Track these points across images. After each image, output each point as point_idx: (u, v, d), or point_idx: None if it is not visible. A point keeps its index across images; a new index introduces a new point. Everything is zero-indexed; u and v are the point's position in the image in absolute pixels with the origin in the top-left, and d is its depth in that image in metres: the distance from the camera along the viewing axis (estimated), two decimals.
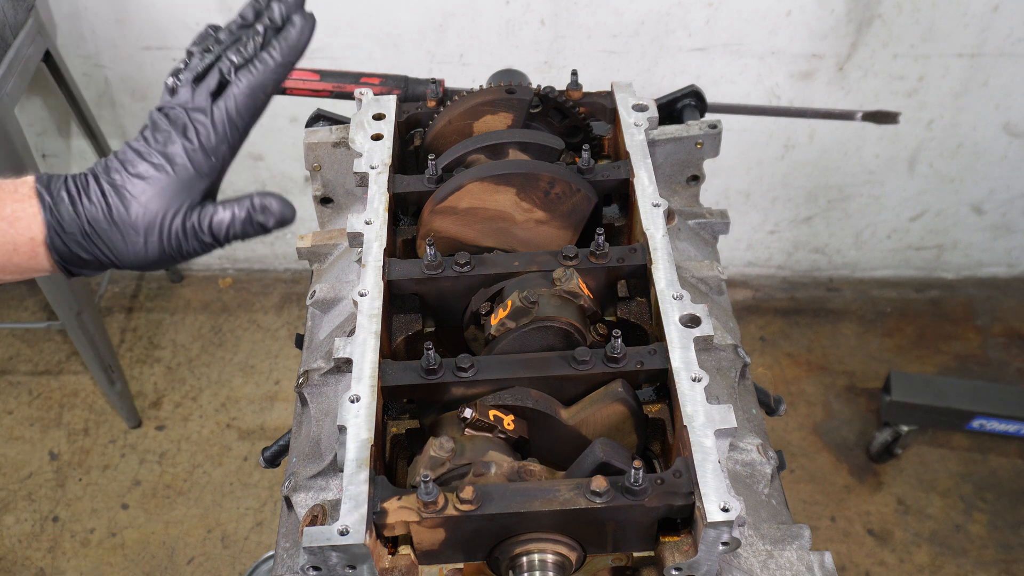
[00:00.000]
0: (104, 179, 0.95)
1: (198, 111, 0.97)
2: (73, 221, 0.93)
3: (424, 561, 1.07)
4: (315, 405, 1.32)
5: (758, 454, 1.25)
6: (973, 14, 2.74)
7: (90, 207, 0.94)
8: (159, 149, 0.96)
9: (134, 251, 0.96)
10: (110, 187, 0.95)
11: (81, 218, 0.94)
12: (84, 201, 0.94)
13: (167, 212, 0.96)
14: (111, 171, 0.96)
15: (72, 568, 2.81)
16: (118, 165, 0.96)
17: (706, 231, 1.59)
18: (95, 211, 0.94)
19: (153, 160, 0.96)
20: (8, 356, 3.39)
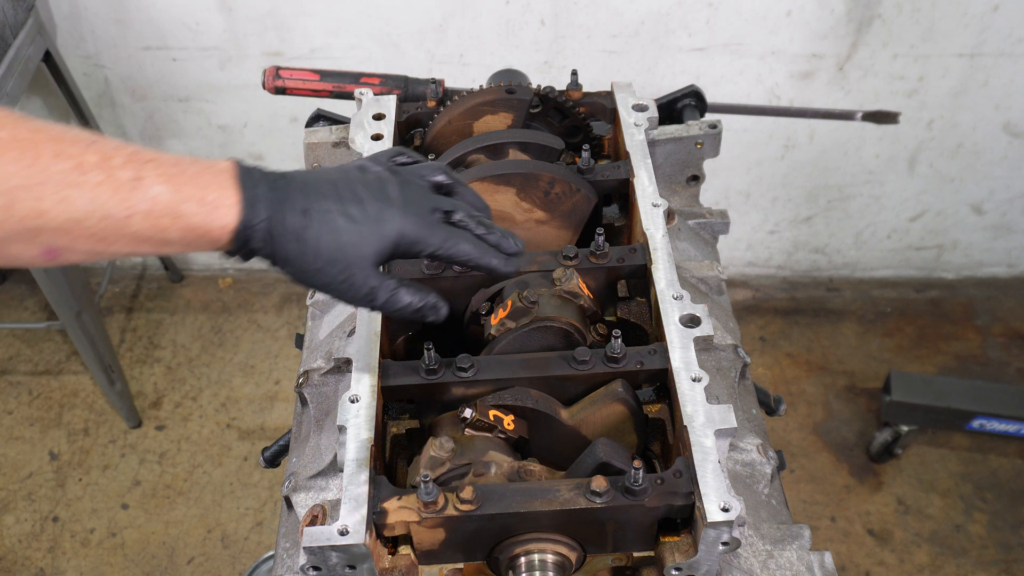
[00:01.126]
0: (313, 204, 0.95)
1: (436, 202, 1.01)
2: (263, 224, 0.93)
3: (424, 561, 1.07)
4: (315, 405, 1.32)
5: (758, 454, 1.25)
6: (973, 14, 2.74)
7: (286, 220, 0.94)
8: (377, 202, 0.97)
9: (302, 270, 0.97)
10: (313, 213, 0.95)
11: (272, 224, 0.94)
12: (286, 209, 0.94)
13: (355, 260, 0.97)
14: (315, 192, 0.96)
15: (72, 568, 2.81)
16: (333, 194, 0.97)
17: (706, 231, 1.59)
18: (290, 226, 0.94)
19: (369, 208, 0.97)
20: (8, 356, 3.39)
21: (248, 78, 2.96)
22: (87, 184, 0.84)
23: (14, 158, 0.81)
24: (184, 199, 0.89)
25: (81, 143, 0.85)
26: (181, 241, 0.91)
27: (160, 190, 0.87)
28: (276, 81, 1.74)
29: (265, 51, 2.90)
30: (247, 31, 2.85)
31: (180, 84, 3.03)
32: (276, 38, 2.86)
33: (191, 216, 0.90)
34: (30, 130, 0.83)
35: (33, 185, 0.82)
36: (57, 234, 0.85)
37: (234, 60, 2.94)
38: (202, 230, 0.91)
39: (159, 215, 0.88)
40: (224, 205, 0.91)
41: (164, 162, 0.89)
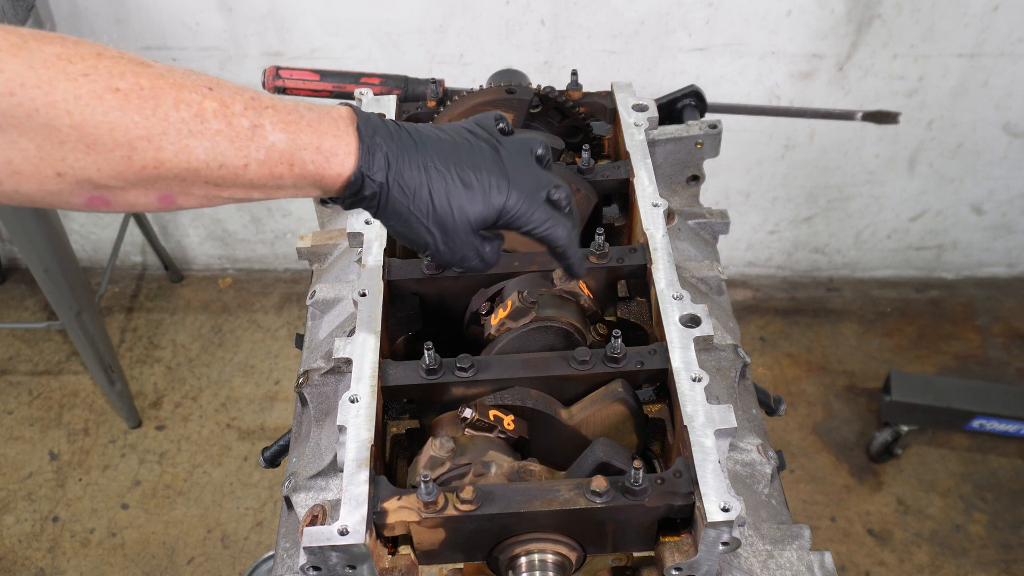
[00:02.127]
0: (430, 162, 0.95)
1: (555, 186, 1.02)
2: (379, 175, 0.93)
3: (424, 561, 1.07)
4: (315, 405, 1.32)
5: (758, 454, 1.25)
6: (973, 14, 2.74)
7: (404, 174, 0.94)
8: (490, 172, 0.98)
9: (407, 224, 0.97)
10: (430, 171, 0.95)
11: (389, 176, 0.94)
12: (403, 163, 0.94)
13: (460, 224, 0.97)
14: (434, 151, 0.96)
15: (72, 568, 2.81)
16: (451, 154, 0.96)
17: (706, 231, 1.59)
18: (407, 181, 0.94)
19: (482, 177, 0.97)
20: (8, 356, 3.39)
21: (248, 78, 2.96)
22: (206, 133, 0.84)
23: (135, 108, 0.81)
24: (301, 147, 0.89)
25: (201, 89, 0.85)
26: (294, 187, 0.92)
27: (277, 138, 0.88)
28: (276, 81, 1.74)
29: (265, 51, 2.90)
30: (247, 31, 2.85)
31: None
32: (276, 38, 2.86)
33: (307, 164, 0.90)
34: (152, 76, 0.82)
35: (154, 135, 0.82)
36: (174, 182, 0.86)
37: (234, 60, 2.93)
38: (316, 177, 0.92)
39: (275, 163, 0.88)
40: (341, 153, 0.92)
41: (282, 109, 0.89)
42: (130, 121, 0.80)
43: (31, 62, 0.76)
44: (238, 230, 3.51)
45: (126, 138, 0.81)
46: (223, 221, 3.47)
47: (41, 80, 0.76)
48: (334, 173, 0.92)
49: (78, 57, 0.79)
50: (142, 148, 0.82)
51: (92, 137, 0.80)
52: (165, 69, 0.84)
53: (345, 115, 0.94)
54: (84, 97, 0.78)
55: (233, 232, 3.52)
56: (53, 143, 0.79)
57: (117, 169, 0.82)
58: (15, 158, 0.79)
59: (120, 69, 0.80)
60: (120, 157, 0.81)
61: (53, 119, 0.78)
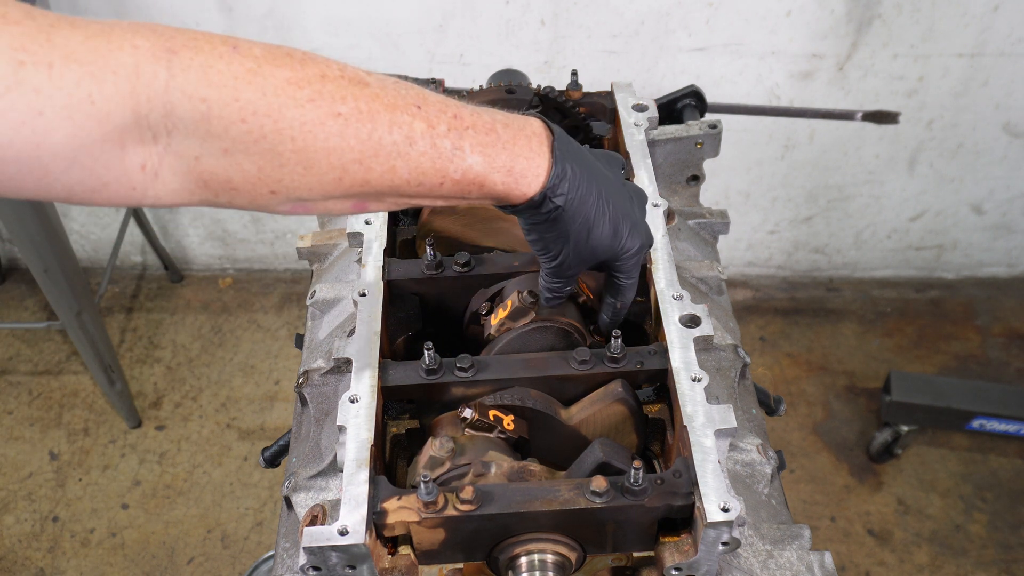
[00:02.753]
0: (600, 199, 1.00)
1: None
2: (559, 200, 0.97)
3: (424, 561, 1.07)
4: (315, 405, 1.32)
5: (758, 454, 1.25)
6: (973, 14, 2.74)
7: (582, 207, 0.98)
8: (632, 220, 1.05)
9: (560, 248, 1.03)
10: (598, 208, 1.00)
11: (568, 204, 0.97)
12: (585, 199, 0.98)
13: (599, 257, 1.05)
14: (605, 195, 1.01)
15: (72, 568, 2.81)
16: (612, 197, 1.02)
17: (706, 231, 1.59)
18: (583, 213, 0.99)
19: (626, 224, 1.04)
20: (8, 356, 3.39)
21: None
22: (412, 155, 0.87)
23: (353, 133, 0.83)
24: (495, 169, 0.92)
25: (411, 109, 0.87)
26: (478, 200, 0.96)
27: (475, 160, 0.91)
28: None
29: None
30: (247, 31, 2.85)
31: None
32: (276, 38, 2.86)
33: (496, 185, 0.93)
34: (369, 98, 0.84)
35: (366, 159, 0.85)
36: (372, 196, 0.90)
37: None
38: (502, 194, 0.95)
39: (468, 183, 0.92)
40: (530, 175, 0.95)
41: (480, 129, 0.92)
42: (347, 146, 0.83)
43: (264, 89, 0.79)
44: (238, 230, 3.51)
45: (340, 162, 0.84)
46: (223, 221, 3.47)
47: (272, 108, 0.79)
48: (519, 193, 0.95)
49: (305, 82, 0.81)
50: (353, 170, 0.85)
51: (311, 161, 0.83)
52: (380, 87, 0.86)
53: (540, 132, 0.97)
54: (309, 124, 0.81)
55: (233, 232, 3.52)
56: (274, 165, 0.82)
57: (327, 189, 0.86)
58: (235, 177, 0.82)
59: (342, 93, 0.83)
60: (333, 179, 0.85)
61: (278, 144, 0.81)
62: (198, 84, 0.76)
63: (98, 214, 3.48)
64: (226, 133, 0.78)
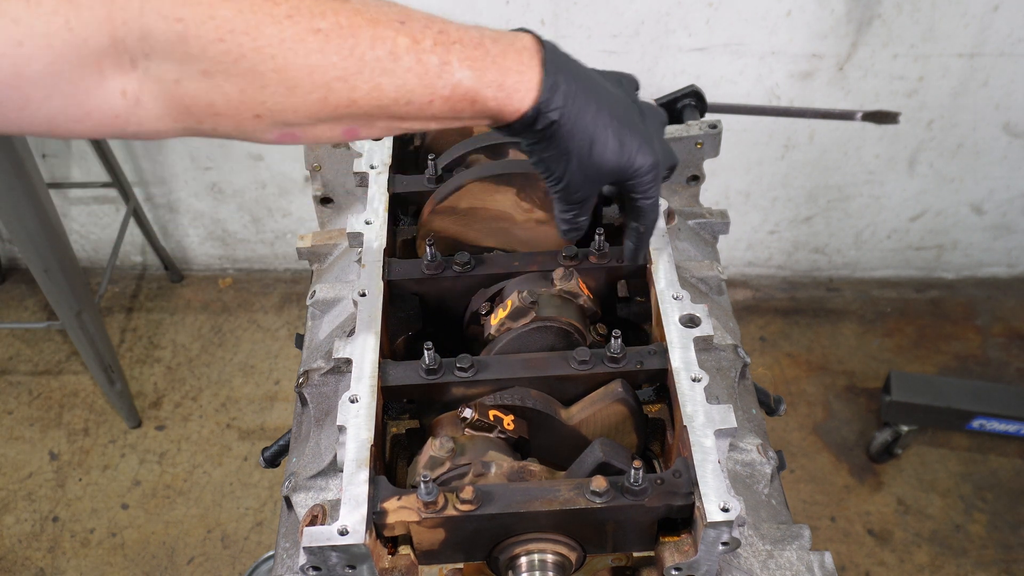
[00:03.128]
0: (600, 113, 0.97)
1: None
2: (554, 114, 0.94)
3: (424, 561, 1.07)
4: (315, 405, 1.32)
5: (758, 454, 1.25)
6: (973, 14, 2.74)
7: (578, 120, 0.95)
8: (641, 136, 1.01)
9: (558, 163, 0.99)
10: (599, 121, 0.97)
11: (563, 117, 0.95)
12: (580, 112, 0.95)
13: (603, 176, 1.01)
14: (608, 109, 0.98)
15: (72, 568, 2.81)
16: (616, 110, 0.99)
17: (706, 231, 1.59)
18: (581, 127, 0.96)
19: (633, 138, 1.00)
20: (8, 356, 3.39)
21: None
22: (398, 71, 0.85)
23: (334, 49, 0.82)
24: (485, 84, 0.90)
25: (394, 24, 0.85)
26: (471, 119, 0.94)
27: (464, 75, 0.89)
28: None
29: None
30: None
31: None
32: None
33: (488, 100, 0.91)
34: (350, 13, 0.83)
35: (350, 76, 0.83)
36: (361, 118, 0.88)
37: None
38: (495, 111, 0.93)
39: (459, 99, 0.90)
40: (523, 89, 0.93)
41: (468, 43, 0.91)
42: (328, 63, 0.82)
43: (240, 7, 0.77)
44: (238, 230, 3.51)
45: (323, 80, 0.82)
46: (223, 221, 3.47)
47: (249, 25, 0.77)
48: (512, 108, 0.93)
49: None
50: (338, 89, 0.83)
51: (293, 80, 0.81)
52: (360, 2, 0.84)
53: (530, 46, 0.95)
54: (288, 40, 0.79)
55: (233, 232, 3.52)
56: (255, 87, 0.80)
57: (312, 110, 0.84)
58: (217, 101, 0.80)
59: (321, 8, 0.81)
60: (317, 99, 0.83)
61: (258, 64, 0.79)
62: (173, 4, 0.75)
63: (98, 214, 3.48)
64: (204, 53, 0.77)
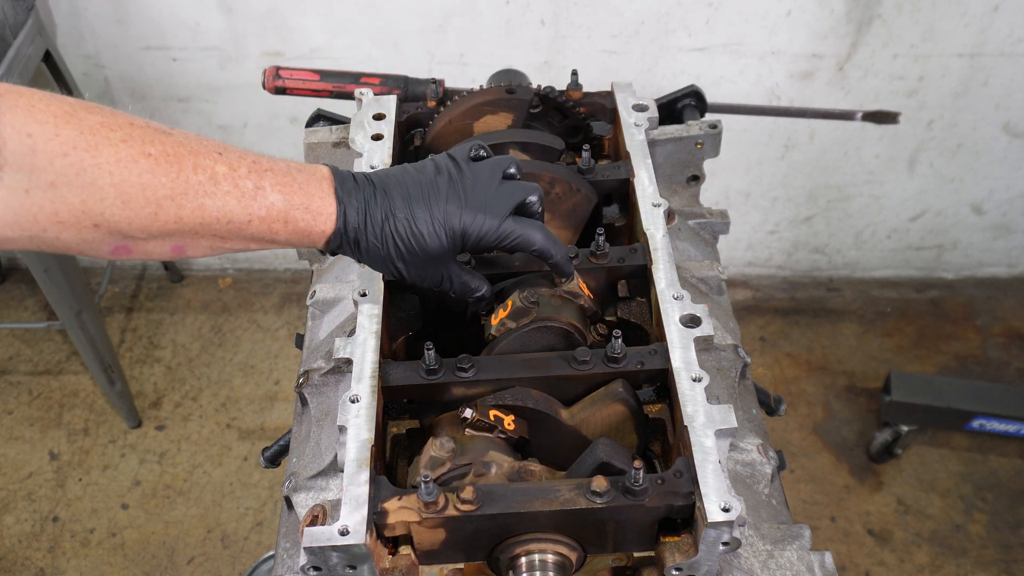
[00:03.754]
0: (392, 208, 1.07)
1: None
2: (354, 229, 1.06)
3: (424, 561, 1.07)
4: (315, 405, 1.32)
5: (758, 454, 1.25)
6: (973, 14, 2.74)
7: (369, 228, 1.07)
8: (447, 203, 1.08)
9: (387, 267, 1.11)
10: (393, 216, 1.07)
11: (361, 229, 1.07)
12: (369, 218, 1.07)
13: (429, 256, 1.09)
14: (395, 198, 1.07)
15: (72, 568, 2.81)
16: (408, 196, 1.08)
17: (706, 231, 1.59)
18: (372, 233, 1.07)
19: (436, 211, 1.07)
20: (8, 356, 3.39)
21: (248, 78, 2.96)
22: (218, 194, 0.98)
23: (163, 171, 0.94)
24: (294, 207, 1.03)
25: (212, 154, 0.98)
26: (287, 242, 1.06)
27: (275, 199, 1.01)
28: (276, 81, 1.74)
29: (265, 51, 2.90)
30: (247, 31, 2.85)
31: (180, 84, 3.03)
32: (276, 38, 2.86)
33: (298, 222, 1.04)
34: (174, 144, 0.95)
35: (176, 195, 0.95)
36: (188, 235, 0.99)
37: (234, 60, 2.94)
38: (305, 233, 1.05)
39: (273, 220, 1.02)
40: (325, 214, 1.05)
41: (278, 171, 1.03)
42: (158, 183, 0.94)
43: (81, 128, 0.90)
44: None
45: (155, 196, 0.94)
46: None
47: (89, 144, 0.90)
48: (319, 230, 1.05)
49: (117, 126, 0.92)
50: (167, 206, 0.95)
51: (128, 195, 0.93)
52: (183, 136, 0.97)
53: (326, 176, 1.06)
54: (123, 160, 0.92)
55: None
56: (95, 199, 0.92)
57: (144, 223, 0.95)
58: (61, 210, 0.91)
59: (150, 137, 0.94)
60: (148, 214, 0.94)
61: (97, 179, 0.91)
62: (24, 120, 0.87)
63: None
64: (51, 166, 0.88)
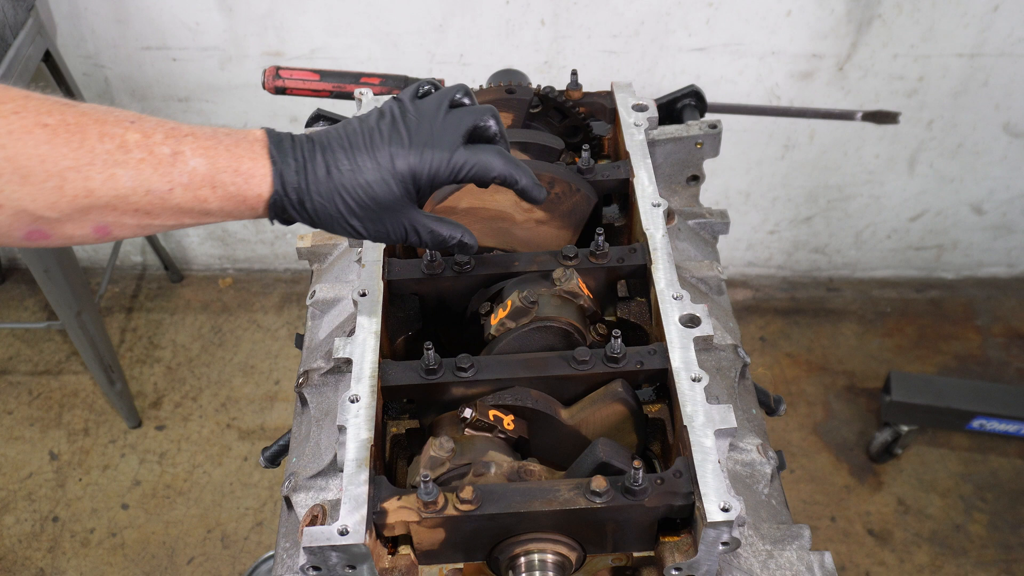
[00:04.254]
0: (334, 161, 0.98)
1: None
2: (295, 189, 0.97)
3: (424, 561, 1.07)
4: (315, 405, 1.32)
5: (758, 454, 1.25)
6: (973, 14, 2.74)
7: (311, 185, 0.98)
8: (390, 146, 1.00)
9: (341, 227, 1.01)
10: (336, 169, 0.98)
11: (303, 187, 0.98)
12: (309, 173, 0.98)
13: (385, 206, 1.00)
14: (336, 150, 0.99)
15: (72, 568, 2.81)
16: (349, 147, 0.99)
17: (706, 231, 1.59)
18: (317, 189, 0.98)
19: (381, 156, 0.99)
20: (8, 356, 3.39)
21: (248, 78, 2.96)
22: (130, 162, 0.90)
23: (63, 141, 0.87)
24: (220, 170, 0.94)
25: (123, 123, 0.91)
26: (221, 210, 0.97)
27: (197, 163, 0.93)
28: (276, 81, 1.74)
29: (265, 51, 2.90)
30: (247, 31, 2.85)
31: (180, 84, 3.03)
32: (276, 38, 2.86)
33: (228, 186, 0.95)
34: (76, 114, 0.89)
35: (82, 166, 0.88)
36: (105, 211, 0.92)
37: (234, 60, 2.94)
38: (239, 198, 0.96)
39: (198, 186, 0.93)
40: (258, 175, 0.96)
41: (201, 135, 0.95)
42: (59, 153, 0.87)
43: None
44: (238, 230, 3.51)
45: (56, 169, 0.87)
46: None
47: None
48: (254, 194, 0.97)
49: (8, 98, 0.87)
50: (72, 178, 0.88)
51: (25, 169, 0.86)
52: (90, 108, 0.91)
53: (259, 137, 0.98)
54: (16, 132, 0.86)
55: (233, 232, 3.52)
56: None
57: (50, 199, 0.88)
58: None
59: (47, 107, 0.88)
60: (52, 187, 0.88)
61: None
62: None
63: None
64: None
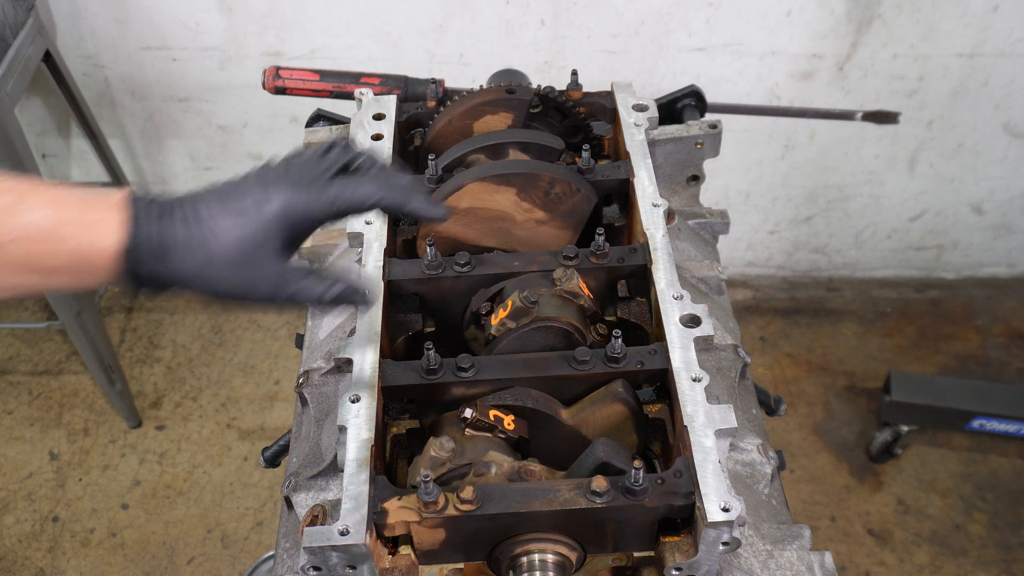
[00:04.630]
0: (193, 206, 0.90)
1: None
2: (148, 243, 0.87)
3: (424, 561, 1.07)
4: (315, 405, 1.32)
5: (758, 454, 1.25)
6: (973, 14, 2.74)
7: (172, 234, 0.88)
8: (258, 189, 0.92)
9: (206, 283, 0.90)
10: (199, 221, 0.89)
11: (159, 242, 0.88)
12: (167, 225, 0.88)
13: (253, 255, 0.90)
14: (203, 199, 0.91)
15: (72, 568, 2.81)
16: (214, 196, 0.91)
17: (706, 231, 1.59)
18: (178, 238, 0.88)
19: (248, 200, 0.91)
20: (8, 356, 3.39)
21: (248, 78, 2.96)
22: None
23: None
24: (64, 221, 0.85)
25: None
26: (67, 269, 0.86)
27: (41, 213, 0.84)
28: (276, 81, 1.74)
29: (265, 51, 2.90)
30: (247, 31, 2.85)
31: (180, 84, 3.03)
32: (276, 38, 2.86)
33: (71, 239, 0.85)
34: None
35: None
36: None
37: (234, 60, 2.93)
38: (85, 253, 0.86)
39: (40, 240, 0.84)
40: (107, 225, 0.86)
41: (53, 187, 0.86)
42: None
43: None
44: None
45: None
46: None
47: None
48: (101, 247, 0.86)
49: None
50: None
51: None
52: None
53: (119, 194, 0.89)
54: None
55: None
56: None
57: None
58: None
59: None
60: None
61: None
62: None
63: None
64: None
